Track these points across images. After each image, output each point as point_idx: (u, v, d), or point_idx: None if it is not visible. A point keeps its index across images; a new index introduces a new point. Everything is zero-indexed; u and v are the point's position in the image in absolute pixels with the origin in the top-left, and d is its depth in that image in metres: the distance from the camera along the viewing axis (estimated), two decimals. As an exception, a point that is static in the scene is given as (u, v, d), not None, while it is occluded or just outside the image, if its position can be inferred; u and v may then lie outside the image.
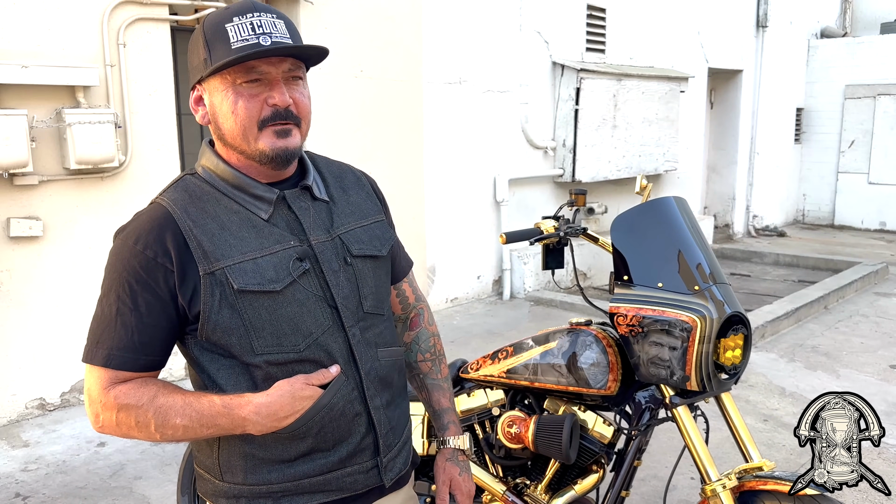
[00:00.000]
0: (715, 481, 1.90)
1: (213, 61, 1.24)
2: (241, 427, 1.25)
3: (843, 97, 11.06)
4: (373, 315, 1.40)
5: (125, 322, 1.26)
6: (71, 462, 3.57)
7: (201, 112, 1.33)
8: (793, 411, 4.20)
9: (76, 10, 4.05)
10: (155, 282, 1.25)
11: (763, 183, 10.72)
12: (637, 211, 2.09)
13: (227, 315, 1.25)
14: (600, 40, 7.53)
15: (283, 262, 1.28)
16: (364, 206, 1.46)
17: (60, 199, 4.09)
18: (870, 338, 5.61)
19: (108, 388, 1.27)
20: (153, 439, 1.28)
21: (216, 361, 1.30)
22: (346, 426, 1.33)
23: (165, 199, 1.30)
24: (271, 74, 1.26)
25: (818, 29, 11.54)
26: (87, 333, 1.30)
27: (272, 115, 1.26)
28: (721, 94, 10.24)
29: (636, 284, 2.01)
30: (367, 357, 1.37)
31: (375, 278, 1.42)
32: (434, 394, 1.62)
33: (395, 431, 1.43)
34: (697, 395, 1.99)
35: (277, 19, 1.27)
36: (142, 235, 1.26)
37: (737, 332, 1.93)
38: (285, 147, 1.28)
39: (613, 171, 7.44)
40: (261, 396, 1.25)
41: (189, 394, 1.27)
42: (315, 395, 1.28)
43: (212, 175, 1.33)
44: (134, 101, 4.30)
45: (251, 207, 1.31)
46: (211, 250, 1.25)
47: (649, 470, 3.32)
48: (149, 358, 1.28)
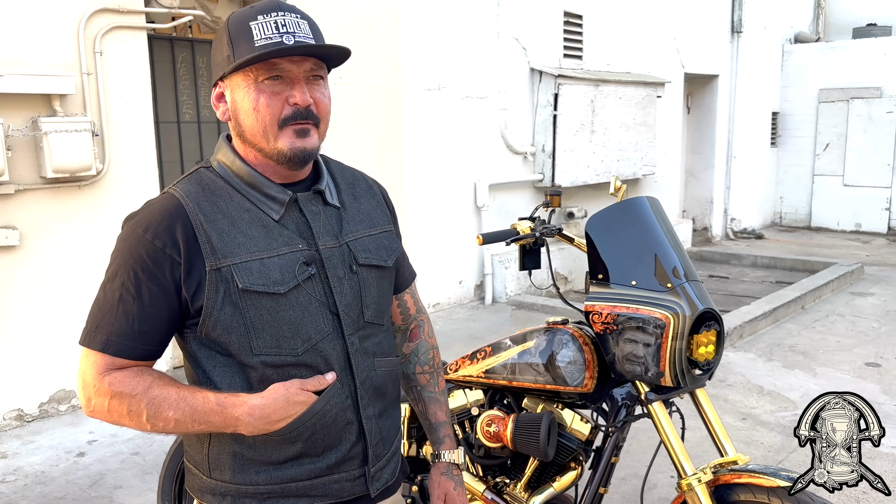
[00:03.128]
0: (690, 475, 1.93)
1: (237, 58, 1.25)
2: (233, 426, 1.25)
3: (817, 101, 11.24)
4: (373, 325, 1.40)
5: (127, 309, 1.25)
6: (50, 473, 3.54)
7: (222, 108, 1.33)
8: (770, 409, 4.25)
9: (52, 19, 4.04)
10: (161, 272, 1.24)
11: (740, 186, 10.85)
12: (611, 211, 2.12)
13: (229, 313, 1.25)
14: (577, 47, 7.61)
15: (290, 264, 1.28)
16: (374, 214, 1.47)
17: (37, 208, 4.07)
18: (846, 336, 5.69)
19: (104, 374, 1.26)
20: (143, 429, 1.27)
21: (213, 358, 1.30)
22: (336, 433, 1.33)
23: (179, 191, 1.30)
24: (293, 73, 1.27)
25: (792, 34, 11.72)
26: (87, 317, 1.29)
27: (293, 115, 1.27)
28: (697, 99, 10.36)
29: (611, 283, 2.04)
30: (364, 366, 1.37)
31: (379, 288, 1.42)
32: (431, 406, 1.62)
33: (385, 442, 1.43)
34: (672, 391, 2.02)
35: (301, 19, 1.28)
36: (152, 224, 1.25)
37: (709, 328, 1.96)
38: (304, 147, 1.29)
39: (592, 175, 7.50)
40: (255, 398, 1.25)
41: (184, 388, 1.27)
42: (309, 401, 1.28)
43: (227, 170, 1.33)
44: (111, 110, 4.28)
45: (263, 207, 1.31)
46: (219, 246, 1.25)
47: (629, 469, 3.35)
48: (147, 347, 1.27)
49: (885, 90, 10.61)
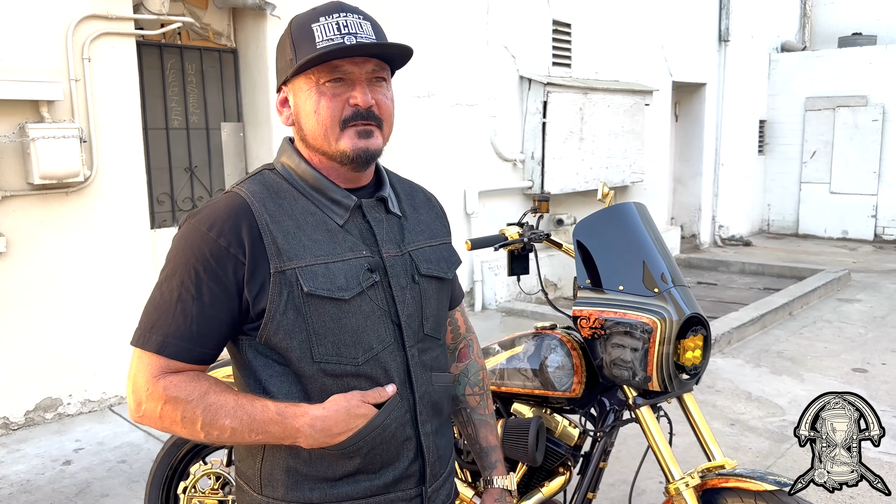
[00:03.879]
0: (678, 480, 1.93)
1: (299, 61, 1.22)
2: (293, 438, 1.20)
3: (803, 109, 11.33)
4: (431, 338, 1.36)
5: (186, 310, 1.20)
6: (35, 481, 3.51)
7: (286, 114, 1.31)
8: (759, 415, 4.27)
9: (40, 25, 4.02)
10: (224, 272, 1.20)
11: (728, 193, 10.91)
12: (598, 216, 2.13)
13: (291, 317, 1.20)
14: (566, 55, 7.65)
15: (354, 270, 1.25)
16: (434, 226, 1.44)
17: (24, 215, 4.04)
18: (833, 342, 5.73)
19: (158, 378, 1.20)
20: (196, 437, 1.21)
21: (269, 367, 1.25)
22: (395, 450, 1.29)
23: (244, 190, 1.26)
24: (354, 74, 1.24)
25: (778, 43, 11.83)
26: (141, 317, 1.24)
27: (353, 115, 1.24)
28: (685, 107, 10.43)
29: (598, 288, 2.05)
30: (423, 380, 1.33)
31: (438, 301, 1.38)
32: (482, 430, 1.55)
33: (441, 461, 1.38)
34: (660, 396, 2.03)
35: (364, 20, 1.25)
36: (217, 222, 1.21)
37: (696, 332, 1.97)
38: (366, 147, 1.25)
39: (581, 182, 7.53)
40: (317, 409, 1.20)
41: (242, 395, 1.22)
42: (369, 414, 1.23)
43: (291, 173, 1.30)
44: (99, 116, 4.27)
45: (327, 211, 1.27)
46: (285, 248, 1.21)
47: (618, 475, 3.35)
48: (204, 351, 1.22)
49: (871, 98, 10.72)
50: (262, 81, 5.15)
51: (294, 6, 5.10)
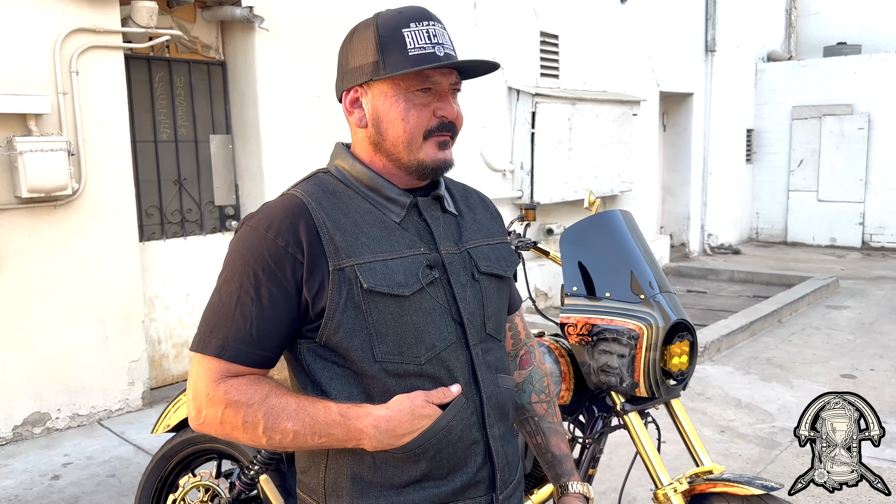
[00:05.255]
0: (666, 485, 1.94)
1: (388, 65, 1.21)
2: (357, 440, 1.17)
3: (790, 118, 11.43)
4: (493, 338, 1.33)
5: (245, 312, 1.18)
6: (24, 496, 3.48)
7: (357, 115, 1.28)
8: (748, 422, 4.29)
9: (27, 38, 4.02)
10: (283, 272, 1.18)
11: (717, 202, 10.98)
12: (585, 223, 2.15)
13: (352, 315, 1.18)
14: (554, 66, 7.70)
15: (414, 267, 1.23)
16: (490, 225, 1.42)
17: (12, 228, 4.03)
18: (822, 349, 5.76)
19: (218, 382, 1.18)
20: (258, 443, 1.18)
21: (329, 370, 1.22)
22: (462, 453, 1.24)
23: (300, 191, 1.25)
24: (441, 85, 1.25)
25: (764, 53, 11.94)
26: (200, 322, 1.23)
27: (438, 126, 1.25)
28: (673, 117, 10.51)
29: (585, 295, 2.07)
30: (489, 381, 1.29)
31: (499, 299, 1.36)
32: (552, 438, 1.50)
33: (510, 467, 1.33)
34: (647, 402, 2.04)
35: (445, 30, 1.26)
36: (274, 223, 1.20)
37: (682, 338, 1.99)
38: (445, 159, 1.26)
39: (570, 192, 7.56)
40: (380, 409, 1.17)
41: (303, 398, 1.19)
42: (434, 415, 1.19)
43: (345, 174, 1.29)
44: (87, 129, 4.27)
45: (383, 209, 1.26)
46: (343, 246, 1.20)
47: (608, 483, 3.36)
48: (264, 354, 1.20)
49: (857, 107, 10.82)
50: (250, 94, 5.16)
51: (283, 19, 5.12)
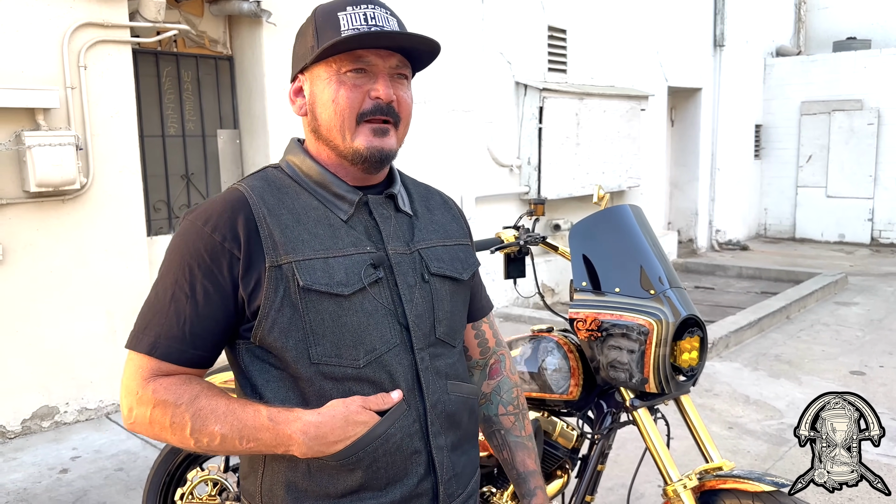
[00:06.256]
0: (676, 481, 1.93)
1: (320, 48, 1.17)
2: (285, 445, 1.12)
3: (799, 113, 11.37)
4: (444, 343, 1.27)
5: (179, 309, 1.15)
6: (32, 490, 3.50)
7: (299, 103, 1.25)
8: (757, 418, 4.27)
9: (36, 33, 4.03)
10: (219, 269, 1.14)
11: (725, 198, 10.93)
12: (594, 218, 2.13)
13: (287, 315, 1.14)
14: (562, 60, 7.67)
15: (356, 266, 1.18)
16: (449, 226, 1.37)
17: (20, 223, 4.04)
18: (830, 346, 5.73)
19: (148, 381, 1.14)
20: (186, 445, 1.14)
21: (266, 372, 1.18)
22: (401, 464, 1.19)
23: (243, 185, 1.22)
24: (378, 67, 1.19)
25: (773, 47, 11.87)
26: (136, 318, 1.19)
27: (373, 109, 1.19)
28: (681, 112, 10.46)
29: (594, 290, 2.05)
30: (435, 388, 1.23)
31: (452, 303, 1.30)
32: (518, 454, 1.45)
33: (458, 479, 1.27)
34: (657, 398, 2.02)
35: (391, 15, 1.21)
36: (212, 217, 1.16)
37: (692, 334, 1.97)
38: (381, 147, 1.20)
39: (578, 187, 7.54)
40: (311, 414, 1.12)
41: (234, 400, 1.15)
42: (371, 422, 1.14)
43: (295, 170, 1.25)
44: (95, 124, 4.27)
45: (331, 206, 1.22)
46: (282, 242, 1.15)
47: (617, 478, 3.35)
48: (198, 353, 1.16)
49: (866, 102, 10.75)
50: (258, 88, 5.16)
51: (290, 13, 5.11)
